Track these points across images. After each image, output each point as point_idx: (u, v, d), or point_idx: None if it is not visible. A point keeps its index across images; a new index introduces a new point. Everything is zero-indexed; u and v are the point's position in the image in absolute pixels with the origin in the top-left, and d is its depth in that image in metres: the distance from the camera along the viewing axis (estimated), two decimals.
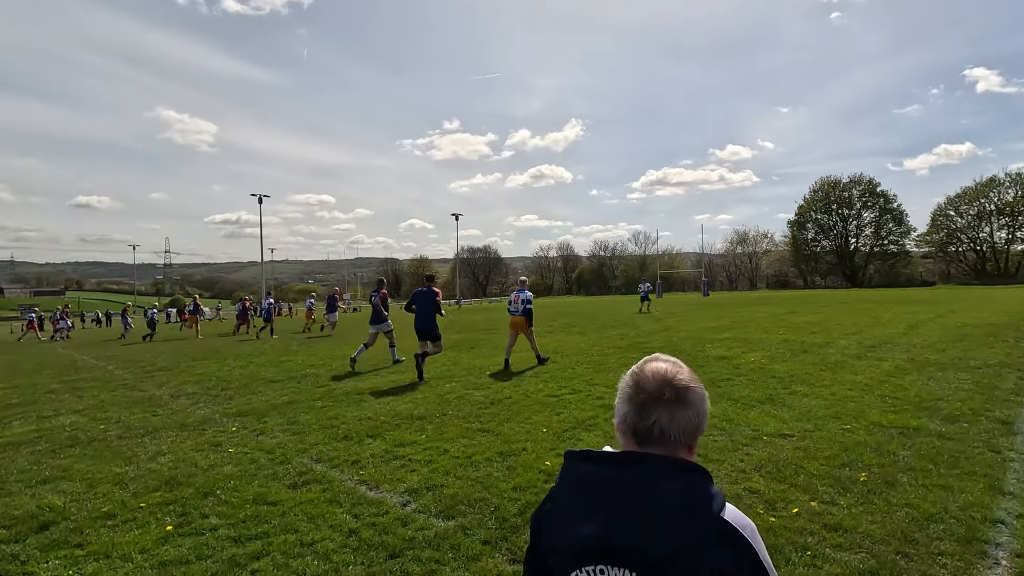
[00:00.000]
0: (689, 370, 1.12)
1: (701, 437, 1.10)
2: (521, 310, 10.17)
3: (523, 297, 10.21)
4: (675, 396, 1.04)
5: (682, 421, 1.03)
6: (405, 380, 9.05)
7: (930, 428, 5.34)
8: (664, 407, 1.03)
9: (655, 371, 1.09)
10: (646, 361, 1.14)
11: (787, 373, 8.34)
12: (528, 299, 10.20)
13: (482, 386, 8.22)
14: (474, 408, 6.77)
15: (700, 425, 1.07)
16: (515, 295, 10.33)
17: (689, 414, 1.04)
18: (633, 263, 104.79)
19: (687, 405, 1.04)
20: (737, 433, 5.31)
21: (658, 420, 1.03)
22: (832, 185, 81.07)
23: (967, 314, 17.97)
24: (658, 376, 1.07)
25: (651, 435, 1.03)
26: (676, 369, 1.10)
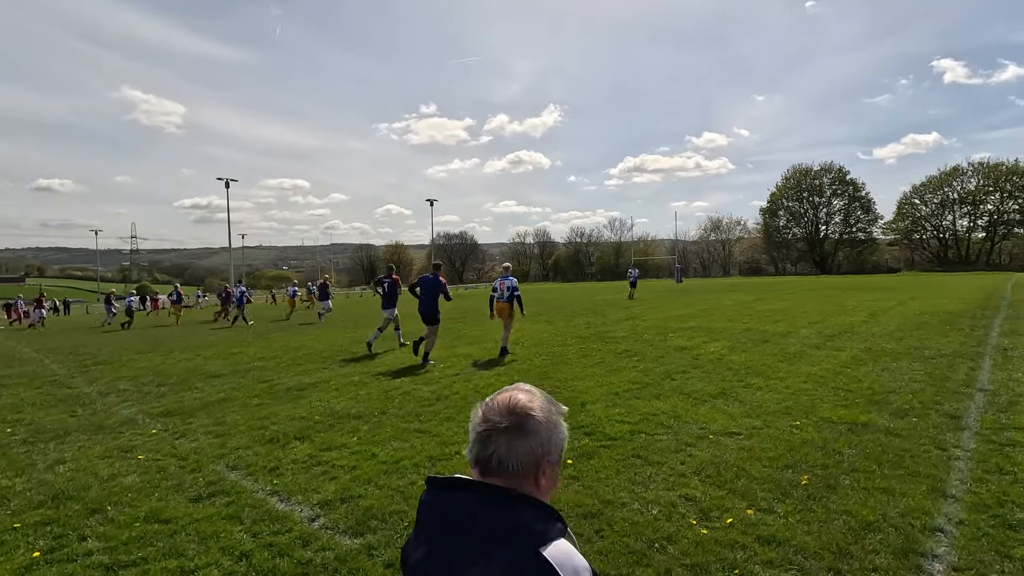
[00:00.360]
0: (543, 399, 1.09)
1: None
2: (507, 296, 10.03)
3: (508, 284, 10.07)
4: (515, 424, 1.02)
5: (520, 451, 1.01)
6: (360, 372, 8.68)
7: (879, 424, 5.20)
8: (503, 436, 1.01)
9: (502, 401, 1.06)
10: (500, 391, 1.10)
11: (745, 365, 8.19)
12: (514, 286, 10.06)
13: (432, 380, 7.90)
14: (417, 405, 6.44)
15: (546, 455, 1.03)
16: (499, 282, 10.19)
17: (531, 444, 1.01)
18: (609, 250, 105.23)
19: (527, 434, 1.02)
20: (683, 431, 5.10)
21: (496, 450, 1.01)
22: (803, 173, 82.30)
23: (927, 301, 18.26)
24: (503, 406, 1.05)
25: (490, 465, 1.02)
26: (527, 399, 1.07)
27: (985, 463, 4.22)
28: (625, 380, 7.39)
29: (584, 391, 6.85)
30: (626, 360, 8.93)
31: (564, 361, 9.08)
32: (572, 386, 7.16)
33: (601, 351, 9.94)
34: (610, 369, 8.24)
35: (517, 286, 10.10)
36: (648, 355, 9.32)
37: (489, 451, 1.01)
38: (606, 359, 9.12)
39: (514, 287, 10.05)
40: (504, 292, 10.08)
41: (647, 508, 3.56)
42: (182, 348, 13.40)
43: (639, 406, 6.01)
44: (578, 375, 7.86)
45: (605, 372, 8.02)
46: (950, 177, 74.36)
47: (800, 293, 25.68)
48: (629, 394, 6.59)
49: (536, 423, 1.03)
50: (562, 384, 7.30)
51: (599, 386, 7.10)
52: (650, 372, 7.87)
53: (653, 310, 18.51)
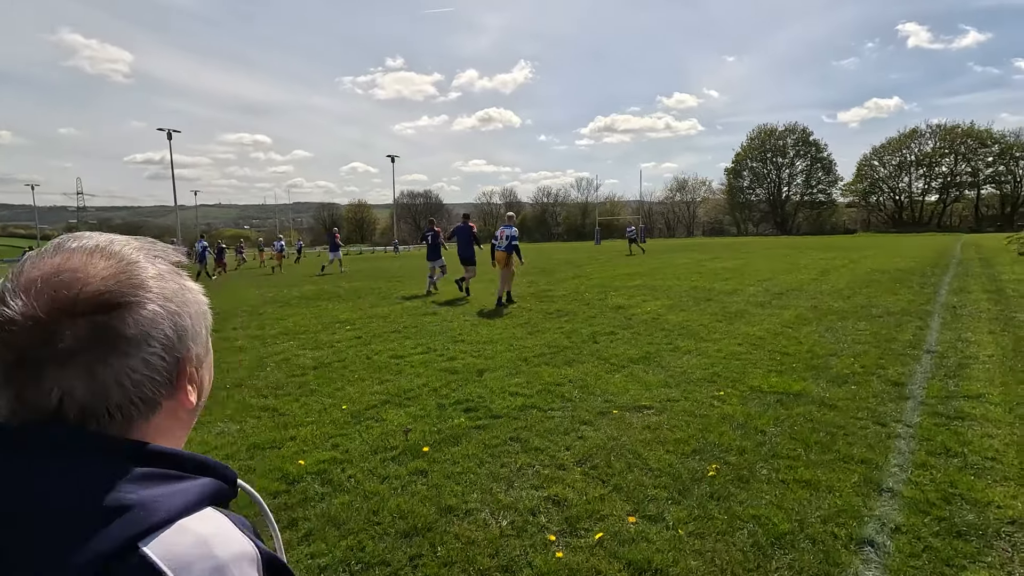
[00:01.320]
0: (131, 257, 0.52)
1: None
2: (505, 246, 9.79)
3: (508, 233, 9.86)
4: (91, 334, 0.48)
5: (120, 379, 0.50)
6: (249, 336, 7.57)
7: (813, 393, 4.44)
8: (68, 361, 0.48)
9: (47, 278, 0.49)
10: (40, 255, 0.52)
11: (679, 325, 7.41)
12: (513, 235, 9.86)
13: (324, 344, 6.86)
14: (287, 374, 5.42)
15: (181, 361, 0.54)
16: (500, 231, 10.03)
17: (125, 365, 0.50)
18: (576, 210, 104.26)
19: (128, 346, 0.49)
20: (584, 406, 4.24)
21: (61, 389, 0.48)
22: (768, 133, 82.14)
23: (878, 260, 17.98)
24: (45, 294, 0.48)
25: None
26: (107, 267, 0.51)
27: (930, 442, 3.49)
28: (542, 343, 6.50)
29: (491, 356, 5.93)
30: (553, 321, 8.06)
31: (485, 322, 8.15)
32: (480, 350, 6.24)
33: (531, 311, 9.05)
34: (532, 331, 7.35)
35: (517, 235, 9.87)
36: (579, 315, 8.47)
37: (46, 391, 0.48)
38: (532, 320, 8.23)
39: (513, 236, 9.82)
40: (503, 241, 9.82)
41: (497, 518, 2.67)
42: None
43: (545, 374, 5.13)
44: (493, 338, 6.95)
45: (525, 334, 7.13)
46: (908, 139, 75.32)
47: (756, 252, 25.33)
48: (540, 360, 5.71)
49: (141, 317, 0.50)
50: (470, 348, 6.37)
51: (510, 350, 6.20)
52: (574, 334, 7.00)
53: (603, 269, 17.73)
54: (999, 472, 3.09)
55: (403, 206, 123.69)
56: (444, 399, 4.47)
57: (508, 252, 9.80)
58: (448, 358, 5.92)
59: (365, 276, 18.79)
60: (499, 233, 10.07)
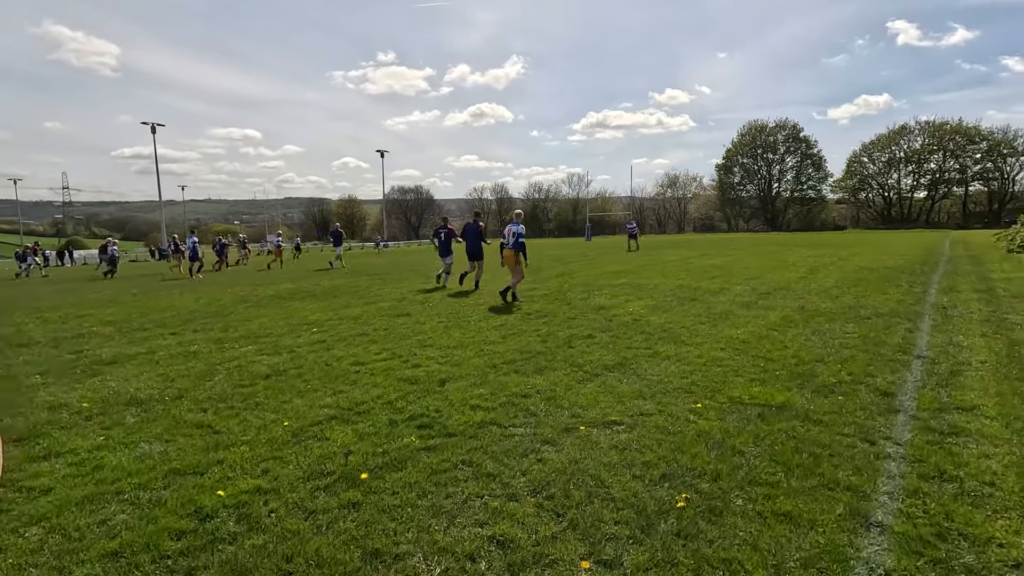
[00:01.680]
0: None
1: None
2: (512, 243, 9.72)
3: (515, 230, 9.78)
4: None
5: None
6: (203, 340, 7.15)
7: (797, 405, 4.12)
8: None
9: None
10: None
11: (661, 327, 7.09)
12: (520, 232, 9.78)
13: (284, 349, 6.47)
14: (235, 384, 5.03)
15: None
16: (508, 228, 9.97)
17: None
18: (567, 206, 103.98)
19: None
20: (549, 421, 3.89)
21: None
22: (759, 130, 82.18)
23: (867, 257, 17.78)
24: None
25: None
26: None
27: (922, 463, 3.18)
28: (515, 348, 6.15)
29: (458, 363, 5.57)
30: (531, 322, 7.71)
31: (460, 324, 7.79)
32: (448, 356, 5.87)
33: (509, 312, 8.70)
34: (507, 334, 7.00)
35: (524, 232, 9.82)
36: (559, 316, 8.13)
37: None
38: (509, 321, 7.88)
39: (520, 234, 9.74)
40: (511, 238, 9.77)
41: (429, 565, 2.31)
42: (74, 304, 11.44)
43: (512, 383, 4.78)
44: (464, 342, 6.58)
45: (499, 337, 6.77)
46: (898, 136, 75.60)
47: (745, 249, 25.12)
48: (509, 367, 5.35)
49: None
50: (438, 354, 6.01)
51: (479, 356, 5.84)
52: (550, 338, 6.65)
53: (590, 266, 17.40)
54: (999, 500, 2.78)
55: (394, 201, 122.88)
56: (398, 413, 4.10)
57: (516, 250, 9.72)
58: (412, 365, 5.55)
59: (347, 273, 18.34)
60: (507, 231, 9.99)
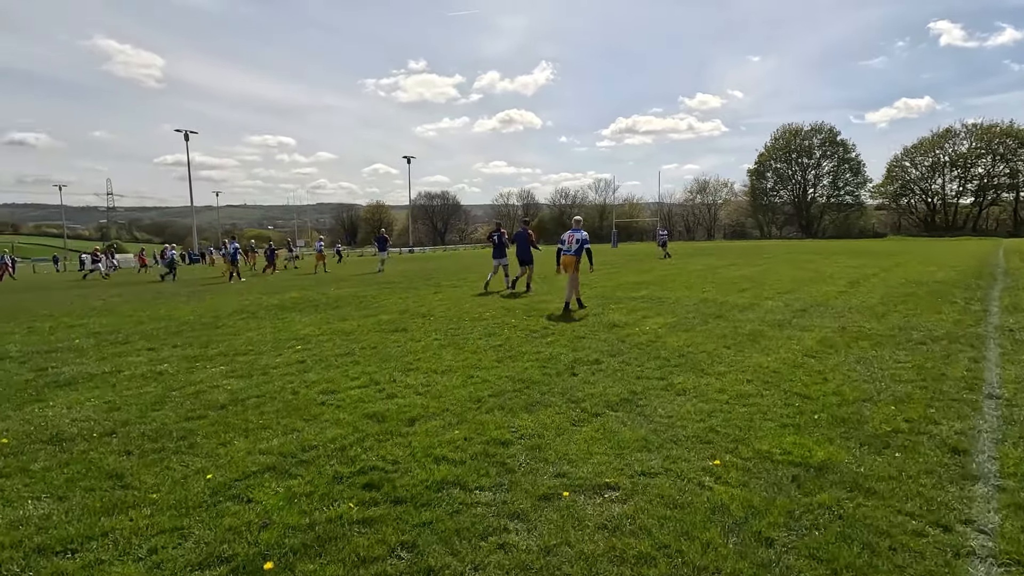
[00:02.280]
0: None
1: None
2: (575, 250, 9.58)
3: (578, 237, 9.65)
4: None
5: None
6: (172, 358, 6.61)
7: (843, 465, 3.28)
8: None
9: None
10: None
11: (679, 351, 6.25)
12: (584, 239, 9.64)
13: (257, 371, 5.86)
14: (185, 415, 4.40)
15: None
16: (569, 235, 9.76)
17: None
18: (593, 212, 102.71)
19: None
20: (525, 483, 3.13)
21: None
22: (793, 133, 79.63)
23: (913, 268, 16.44)
24: None
25: None
26: None
27: (1022, 568, 2.32)
28: (508, 375, 5.40)
29: (438, 394, 4.85)
30: (534, 342, 6.95)
31: (456, 343, 7.08)
32: (431, 383, 5.16)
33: (515, 327, 7.96)
34: (504, 356, 6.26)
35: (587, 239, 9.70)
36: (566, 335, 7.35)
37: None
38: (511, 339, 7.14)
39: (584, 240, 9.64)
40: (572, 245, 9.60)
41: None
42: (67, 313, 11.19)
43: (493, 424, 4.03)
44: (454, 365, 5.87)
45: (494, 361, 6.03)
46: (942, 139, 72.16)
47: (777, 257, 23.81)
48: (495, 401, 4.61)
49: None
50: (420, 380, 5.30)
51: (465, 384, 5.11)
52: (551, 362, 5.89)
53: (609, 276, 16.52)
54: None
55: (420, 207, 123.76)
56: (348, 465, 3.40)
57: (578, 256, 9.53)
58: (387, 395, 4.86)
59: (358, 282, 17.87)
60: (567, 237, 9.75)
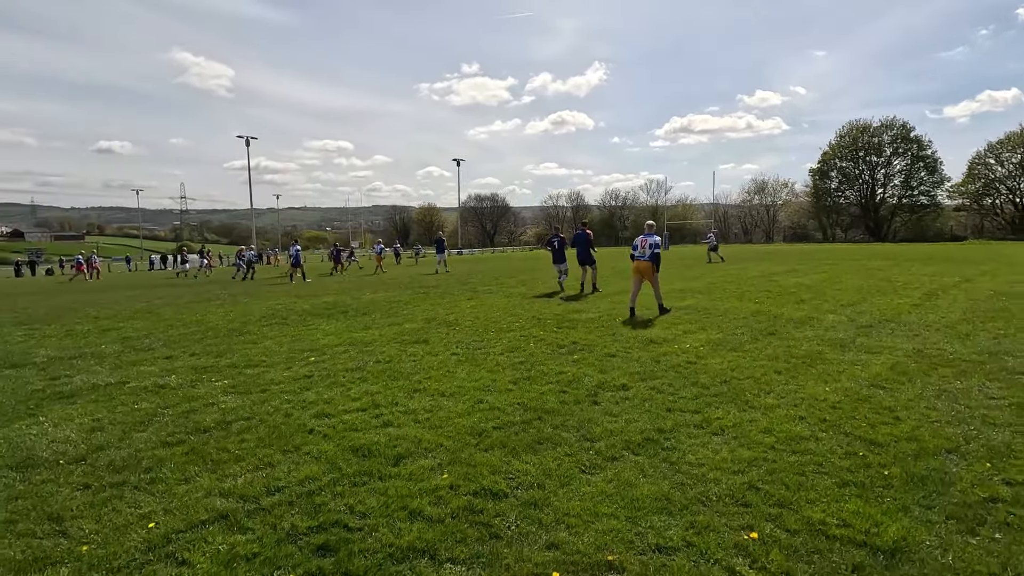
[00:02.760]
0: None
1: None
2: (648, 255, 9.53)
3: (651, 242, 9.60)
4: None
5: None
6: (167, 371, 6.40)
7: (923, 551, 2.53)
8: None
9: None
10: None
11: (721, 375, 5.48)
12: (656, 243, 9.59)
13: (257, 388, 5.52)
14: (162, 440, 4.08)
15: None
16: (641, 239, 9.71)
17: None
18: (644, 213, 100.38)
19: None
20: (507, 556, 2.55)
21: None
22: (861, 130, 74.87)
23: (1002, 277, 14.67)
24: None
25: None
26: None
27: None
28: (521, 401, 4.82)
29: (438, 423, 4.32)
30: (560, 359, 6.34)
31: (475, 359, 6.56)
32: (434, 409, 4.65)
33: (541, 341, 7.37)
34: (523, 375, 5.68)
35: (659, 244, 9.60)
36: (596, 352, 6.70)
37: None
38: (535, 355, 6.56)
39: (656, 245, 9.57)
40: (646, 250, 9.55)
41: None
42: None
43: (488, 467, 3.46)
44: (466, 385, 5.34)
45: (509, 381, 5.47)
46: None
47: (842, 263, 22.03)
48: (500, 435, 4.04)
49: None
50: (424, 404, 4.80)
51: (471, 412, 4.57)
52: (573, 386, 5.26)
53: (672, 278, 15.58)
54: None
55: (470, 209, 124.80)
56: (310, 517, 2.93)
57: (652, 261, 9.45)
58: (383, 422, 4.38)
59: (400, 285, 17.69)
60: (639, 242, 9.67)
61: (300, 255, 21.42)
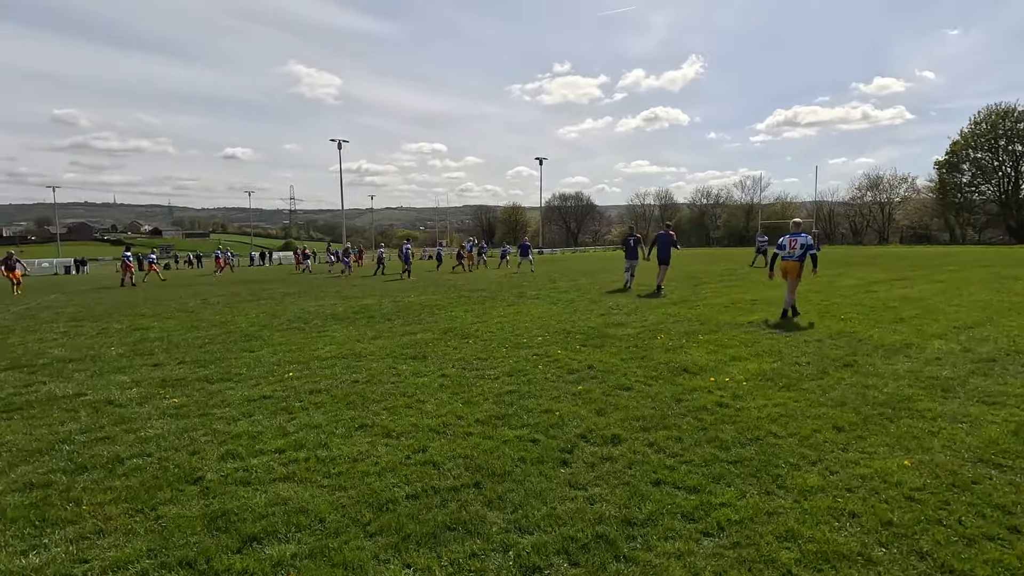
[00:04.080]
0: None
1: None
2: (798, 255, 9.28)
3: (801, 241, 9.35)
4: None
5: None
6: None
7: None
8: None
9: None
10: None
11: (756, 427, 4.09)
12: (808, 242, 9.34)
13: (205, 410, 4.87)
14: (20, 483, 3.47)
15: None
16: (789, 239, 9.44)
17: None
18: (738, 212, 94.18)
19: None
20: None
21: None
22: (1002, 115, 64.94)
23: None
24: None
25: None
26: None
27: None
28: (466, 456, 3.74)
29: (341, 487, 3.35)
30: (559, 390, 5.17)
31: (463, 384, 5.55)
32: (359, 456, 3.71)
33: (552, 363, 6.24)
34: (502, 411, 4.60)
35: (812, 243, 9.39)
36: (609, 381, 5.46)
37: None
38: (532, 382, 5.43)
39: (809, 244, 9.33)
40: (796, 250, 9.28)
41: None
42: None
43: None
44: (420, 424, 4.35)
45: (477, 420, 4.41)
46: None
47: (967, 270, 18.50)
48: (389, 520, 3.01)
49: None
50: (348, 455, 3.88)
51: (392, 469, 3.56)
52: (551, 432, 4.12)
53: (724, 291, 13.72)
54: None
55: (553, 208, 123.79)
56: None
57: (801, 261, 9.21)
58: (284, 474, 3.50)
59: (436, 288, 17.08)
60: (788, 242, 9.39)
61: (410, 254, 23.07)
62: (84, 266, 49.21)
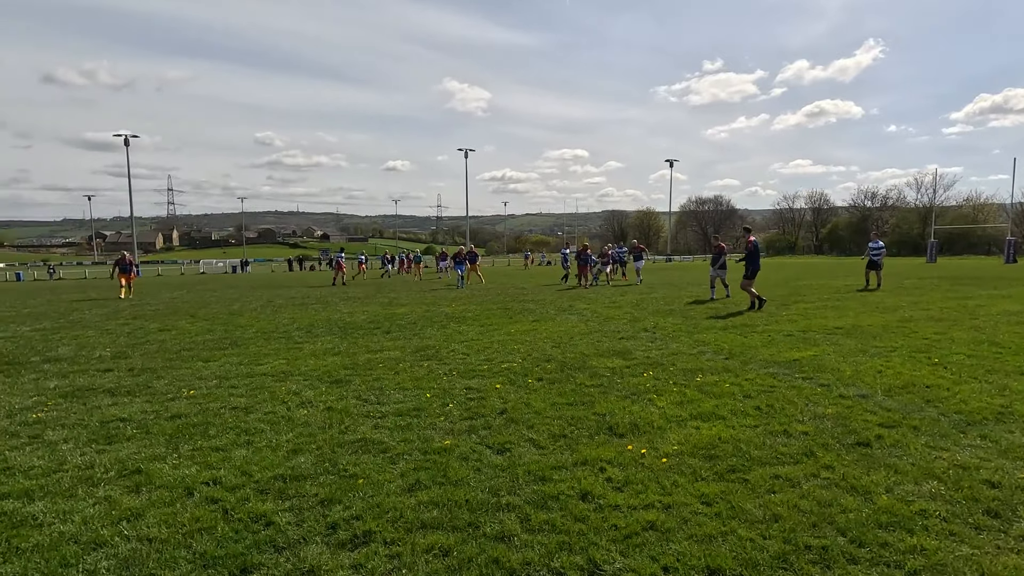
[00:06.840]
0: None
1: None
2: None
3: None
4: None
5: None
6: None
7: None
8: None
9: None
10: None
11: (612, 550, 2.67)
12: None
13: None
14: None
15: None
16: None
17: None
18: (912, 216, 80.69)
19: None
20: None
21: None
22: None
23: None
24: None
25: None
26: None
27: None
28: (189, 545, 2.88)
29: (158, 566, 2.71)
30: (424, 446, 4.09)
31: (335, 421, 4.69)
32: (204, 519, 3.04)
33: (472, 401, 5.12)
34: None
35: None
36: (503, 435, 4.22)
37: None
38: (419, 429, 4.39)
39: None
40: None
41: None
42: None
43: None
44: (192, 485, 3.58)
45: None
46: None
47: None
48: None
49: None
50: (145, 504, 3.22)
51: (243, 552, 2.82)
52: (293, 524, 3.10)
53: (809, 314, 11.07)
54: None
55: (690, 213, 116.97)
56: None
57: None
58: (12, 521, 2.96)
59: (495, 296, 16.25)
60: None
61: (568, 256, 25.19)
62: (246, 266, 56.78)
